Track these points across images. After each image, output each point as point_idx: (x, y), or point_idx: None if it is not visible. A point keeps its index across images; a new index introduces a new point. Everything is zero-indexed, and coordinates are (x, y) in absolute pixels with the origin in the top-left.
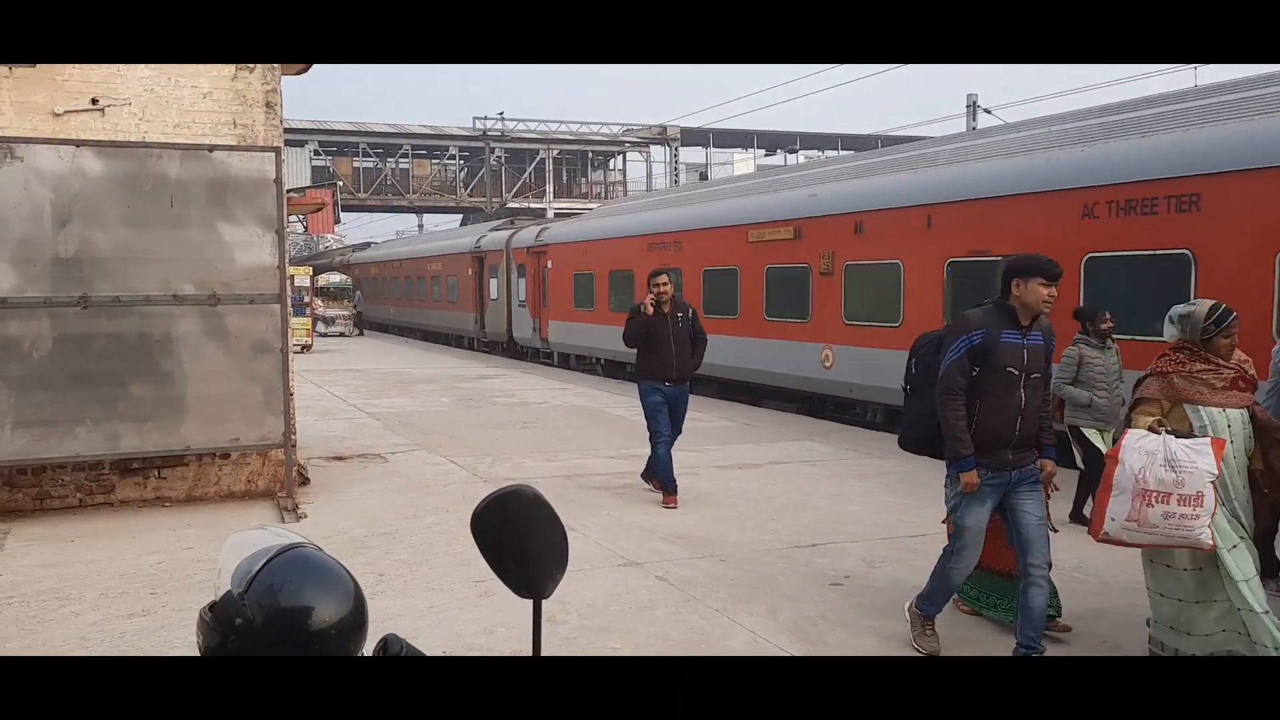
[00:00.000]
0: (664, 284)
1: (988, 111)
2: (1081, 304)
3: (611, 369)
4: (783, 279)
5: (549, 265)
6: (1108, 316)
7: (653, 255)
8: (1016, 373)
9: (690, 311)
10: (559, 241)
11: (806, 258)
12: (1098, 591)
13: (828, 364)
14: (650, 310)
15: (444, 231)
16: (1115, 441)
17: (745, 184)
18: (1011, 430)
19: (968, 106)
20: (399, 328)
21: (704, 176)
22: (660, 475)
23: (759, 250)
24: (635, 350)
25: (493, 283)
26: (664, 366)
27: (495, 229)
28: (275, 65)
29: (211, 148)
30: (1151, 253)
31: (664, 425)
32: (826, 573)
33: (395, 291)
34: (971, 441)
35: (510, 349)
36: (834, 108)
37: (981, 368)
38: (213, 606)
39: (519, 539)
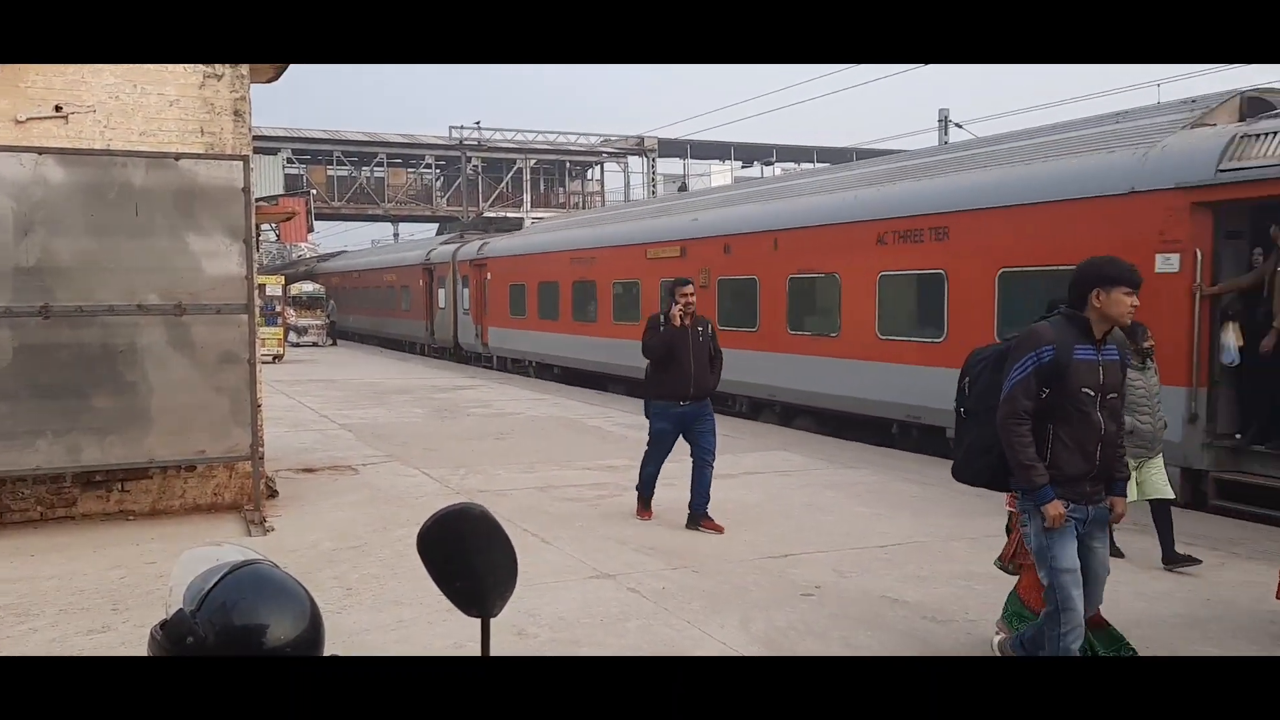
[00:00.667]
0: (691, 294)
1: (959, 125)
2: (878, 314)
3: (541, 370)
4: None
5: (489, 277)
6: (1149, 334)
7: (574, 268)
8: (1093, 393)
9: (709, 326)
10: (497, 255)
11: (690, 272)
12: None
13: None
14: (679, 322)
15: (399, 244)
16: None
17: (647, 209)
18: (1091, 459)
19: (939, 120)
20: (359, 335)
21: (684, 188)
22: (641, 488)
23: (656, 266)
24: (650, 365)
25: (441, 293)
26: (683, 383)
27: (444, 243)
28: (244, 73)
29: (178, 156)
30: (920, 272)
31: (662, 457)
32: (798, 583)
33: (357, 301)
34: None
35: (457, 354)
36: (811, 120)
37: (1052, 389)
38: (164, 625)
39: (466, 557)
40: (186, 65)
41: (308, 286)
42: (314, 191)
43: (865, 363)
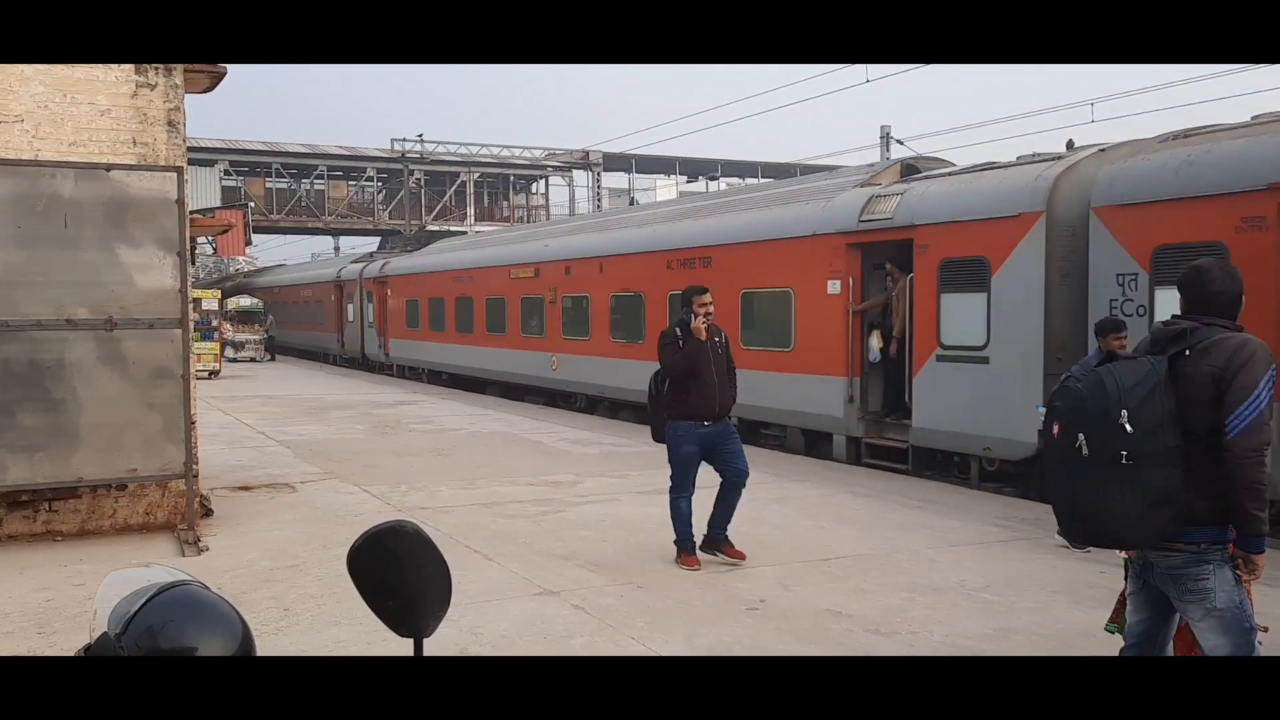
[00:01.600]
0: (710, 302)
1: (900, 143)
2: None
3: (433, 376)
4: (530, 306)
5: (389, 293)
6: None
7: (455, 286)
8: None
9: (724, 336)
10: (397, 274)
11: (542, 290)
12: None
13: (554, 368)
14: (703, 334)
15: (316, 262)
16: None
17: (512, 235)
18: None
19: (881, 137)
20: (285, 348)
21: (633, 202)
22: (680, 530)
23: (517, 284)
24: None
25: (349, 307)
26: (707, 401)
27: (354, 261)
28: (178, 83)
29: (109, 167)
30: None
31: (691, 485)
32: (744, 597)
33: (283, 315)
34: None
35: (364, 364)
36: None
37: None
38: (88, 649)
39: (398, 576)
40: (119, 75)
41: (245, 301)
42: (252, 204)
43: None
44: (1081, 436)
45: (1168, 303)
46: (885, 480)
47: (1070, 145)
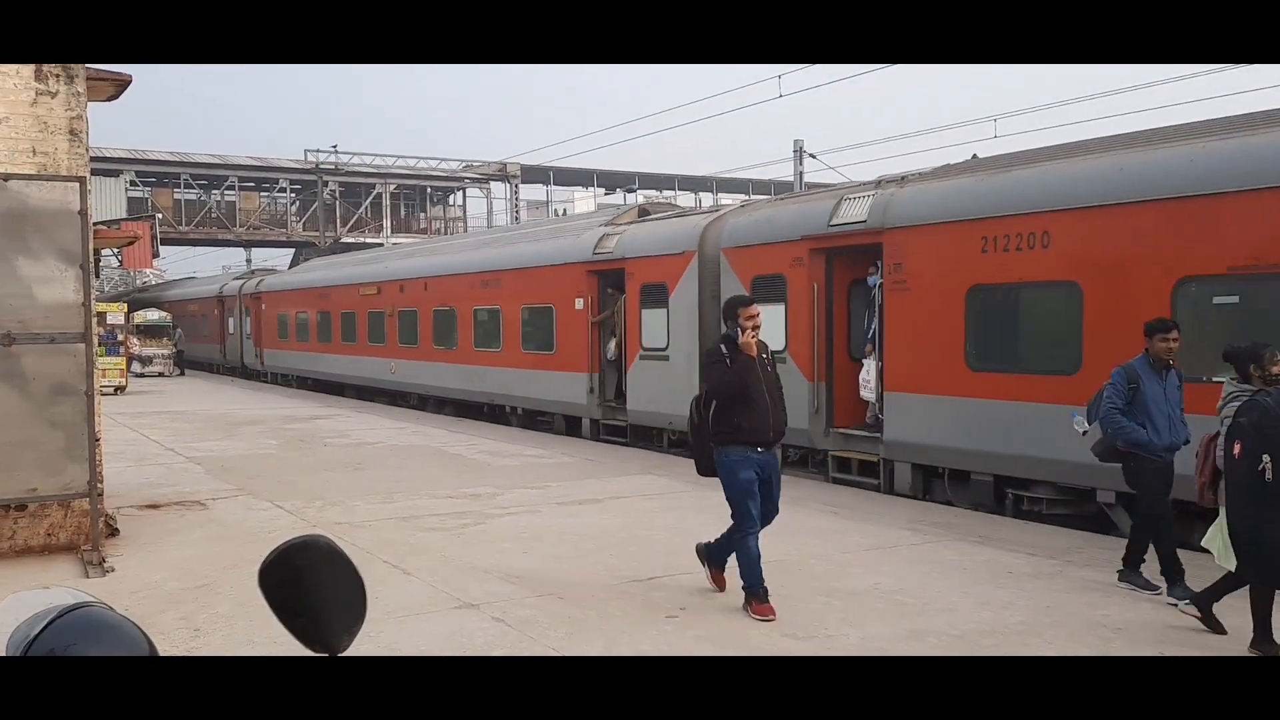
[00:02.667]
0: (758, 314)
1: (813, 156)
2: (473, 335)
3: (300, 382)
4: (374, 319)
5: (264, 308)
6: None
7: (317, 301)
8: None
9: (772, 352)
10: (269, 290)
11: (384, 306)
12: None
13: (393, 371)
14: (754, 350)
15: (204, 278)
16: None
17: (362, 257)
18: None
19: (795, 151)
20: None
21: (561, 214)
22: (749, 574)
23: (365, 300)
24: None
25: (230, 321)
26: (759, 425)
27: (235, 278)
28: (80, 90)
29: (6, 177)
30: (490, 307)
31: (757, 510)
32: (663, 605)
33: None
34: None
35: (244, 372)
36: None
37: None
38: None
39: (310, 592)
40: (17, 82)
41: (153, 314)
42: (159, 215)
43: (468, 367)
44: (1267, 459)
45: (768, 316)
46: (797, 487)
47: (974, 157)
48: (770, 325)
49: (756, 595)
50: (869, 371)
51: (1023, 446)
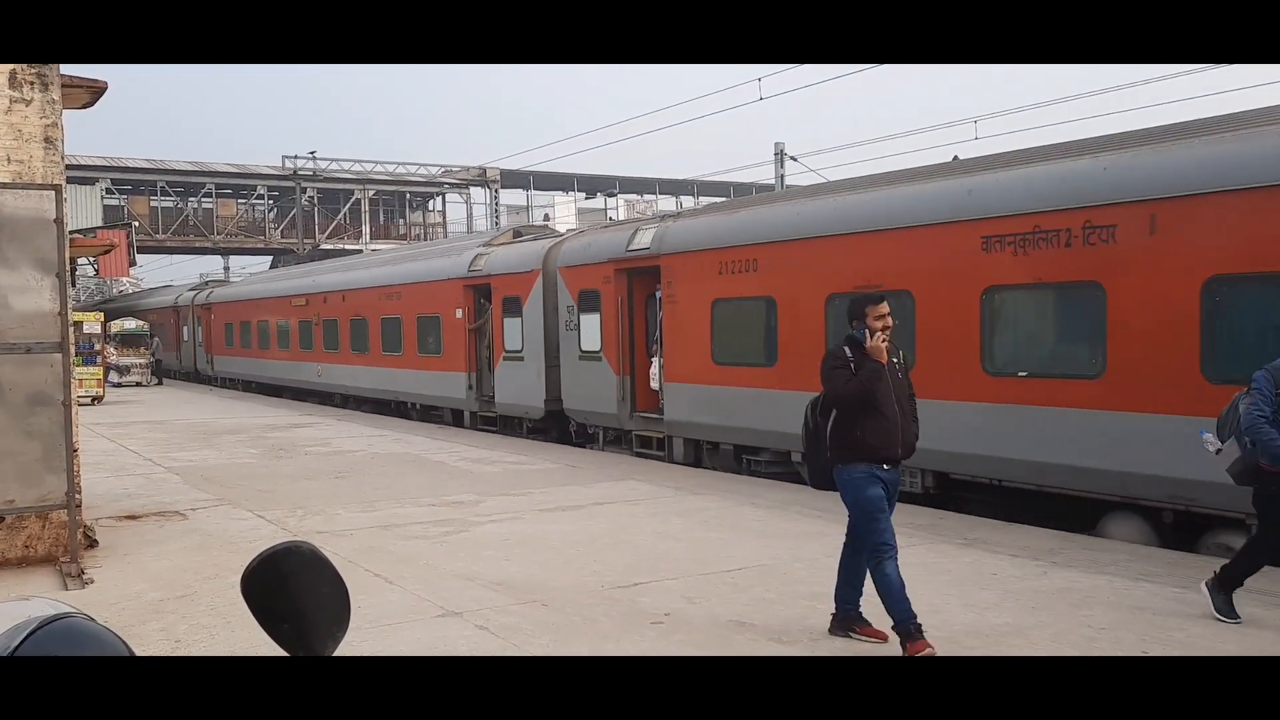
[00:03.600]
0: (889, 313)
1: (794, 159)
2: (382, 339)
3: (246, 385)
4: (304, 328)
5: (213, 317)
6: None
7: (256, 311)
8: None
9: (903, 355)
10: (217, 301)
11: (310, 315)
12: None
13: (320, 375)
14: (884, 355)
15: (161, 289)
16: None
17: (295, 271)
18: None
19: (775, 154)
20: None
21: (545, 219)
22: (896, 607)
23: (296, 310)
24: (840, 417)
25: (184, 329)
26: (888, 439)
27: (191, 289)
28: (55, 98)
29: None
30: (392, 317)
31: (893, 538)
32: (648, 611)
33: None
34: None
35: (196, 376)
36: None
37: None
38: None
39: (293, 599)
40: None
41: (130, 323)
42: (136, 223)
43: (379, 369)
44: None
45: (589, 322)
46: (784, 490)
47: (955, 158)
48: (589, 330)
49: (910, 633)
50: (656, 367)
51: (749, 422)
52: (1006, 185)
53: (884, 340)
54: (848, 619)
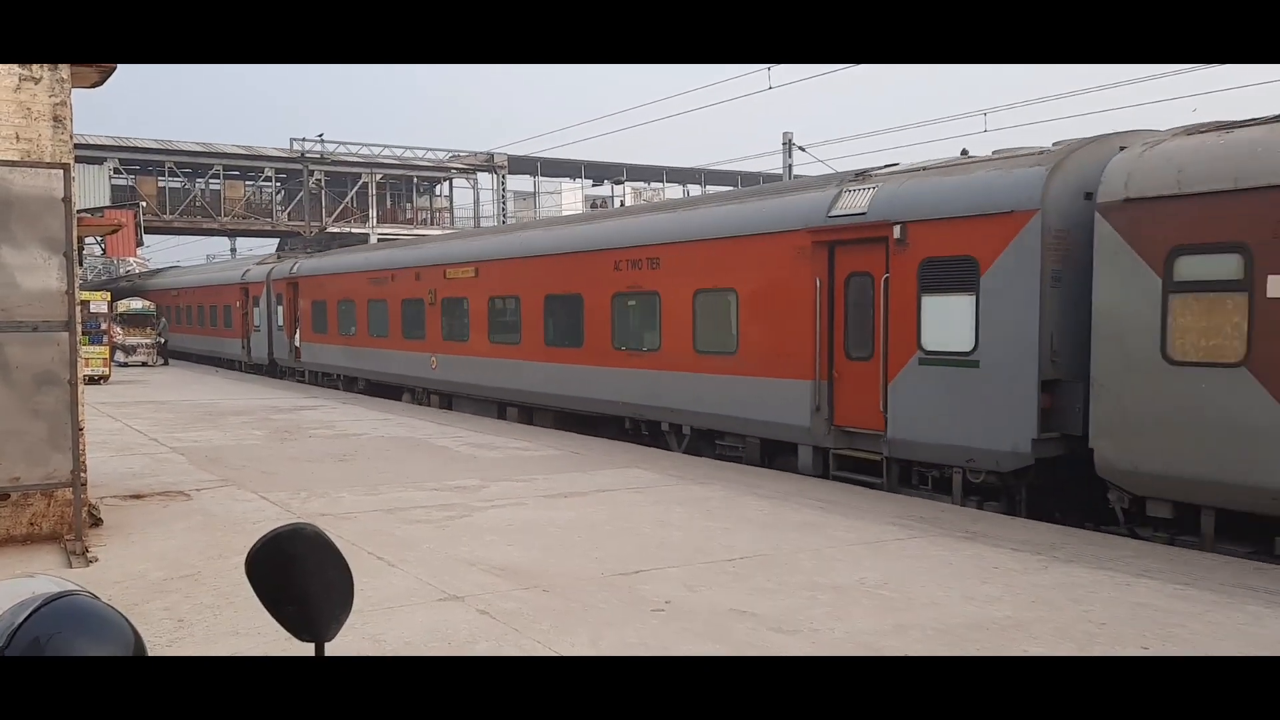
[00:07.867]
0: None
1: (802, 149)
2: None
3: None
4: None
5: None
6: None
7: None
8: None
9: None
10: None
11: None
12: None
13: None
14: None
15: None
16: None
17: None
18: None
19: (784, 144)
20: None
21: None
22: None
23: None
24: None
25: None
26: None
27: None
28: (65, 76)
29: None
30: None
31: None
32: (649, 599)
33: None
34: None
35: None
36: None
37: None
38: None
39: (297, 580)
40: (1, 69)
41: (136, 303)
42: (144, 204)
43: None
44: None
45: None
46: (787, 481)
47: (964, 153)
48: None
49: None
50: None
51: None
52: (627, 228)
53: None
54: None
